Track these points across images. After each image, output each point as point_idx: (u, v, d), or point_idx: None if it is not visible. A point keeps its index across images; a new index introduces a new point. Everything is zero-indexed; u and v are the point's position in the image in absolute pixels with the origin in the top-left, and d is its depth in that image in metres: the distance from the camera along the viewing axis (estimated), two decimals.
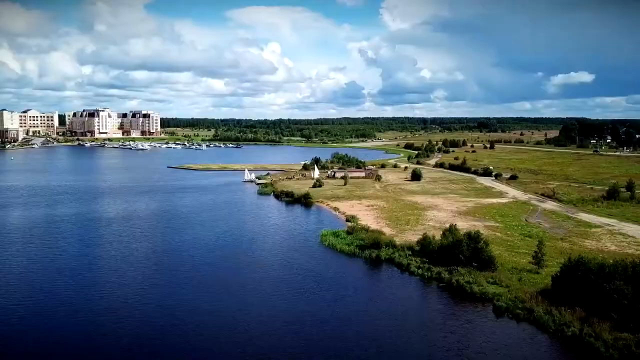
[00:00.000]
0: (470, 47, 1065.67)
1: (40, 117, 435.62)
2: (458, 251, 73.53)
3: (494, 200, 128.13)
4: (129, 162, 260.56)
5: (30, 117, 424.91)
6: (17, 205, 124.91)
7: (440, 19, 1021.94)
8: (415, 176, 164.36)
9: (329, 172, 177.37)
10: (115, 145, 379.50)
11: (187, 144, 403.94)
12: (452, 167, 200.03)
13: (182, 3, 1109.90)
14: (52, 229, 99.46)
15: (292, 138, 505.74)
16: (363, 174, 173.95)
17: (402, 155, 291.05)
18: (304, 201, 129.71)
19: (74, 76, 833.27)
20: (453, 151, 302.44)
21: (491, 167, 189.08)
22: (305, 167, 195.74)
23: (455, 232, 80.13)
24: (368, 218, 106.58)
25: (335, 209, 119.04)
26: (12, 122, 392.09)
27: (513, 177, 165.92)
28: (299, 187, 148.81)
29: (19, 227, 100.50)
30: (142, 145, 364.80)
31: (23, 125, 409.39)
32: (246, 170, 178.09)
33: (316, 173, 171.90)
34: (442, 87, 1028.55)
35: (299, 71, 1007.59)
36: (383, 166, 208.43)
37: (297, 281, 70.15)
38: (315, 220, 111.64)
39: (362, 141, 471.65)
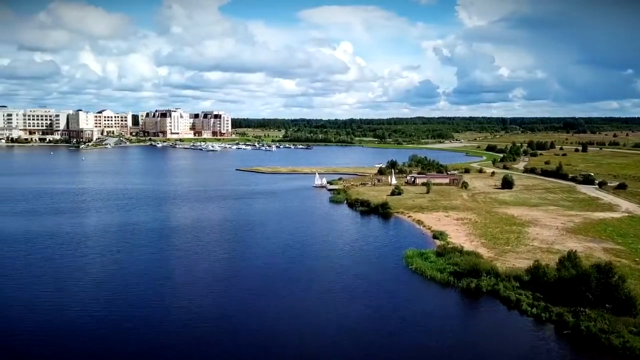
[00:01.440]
0: (551, 44, 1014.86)
1: (115, 117, 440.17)
2: (584, 287, 57.54)
3: (605, 215, 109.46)
4: (198, 164, 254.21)
5: (105, 117, 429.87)
6: (78, 211, 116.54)
7: (519, 15, 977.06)
8: (507, 183, 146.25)
9: (408, 178, 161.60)
10: (186, 146, 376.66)
11: (257, 145, 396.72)
12: (546, 173, 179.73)
13: (255, 4, 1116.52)
14: (111, 238, 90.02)
15: (364, 138, 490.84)
16: (446, 180, 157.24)
17: (484, 158, 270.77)
18: (382, 212, 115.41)
19: (151, 77, 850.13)
20: (540, 154, 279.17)
21: (592, 174, 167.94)
22: (381, 172, 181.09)
23: (577, 261, 63.97)
24: (459, 235, 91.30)
25: (419, 222, 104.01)
26: (87, 122, 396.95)
27: (621, 186, 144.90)
28: (375, 194, 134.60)
29: (74, 235, 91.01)
30: (212, 147, 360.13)
31: (98, 125, 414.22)
32: (317, 174, 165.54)
33: (393, 178, 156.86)
34: (521, 85, 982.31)
35: (371, 70, 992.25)
36: (467, 171, 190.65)
37: (379, 317, 57.38)
38: (396, 235, 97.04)
39: (439, 142, 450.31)
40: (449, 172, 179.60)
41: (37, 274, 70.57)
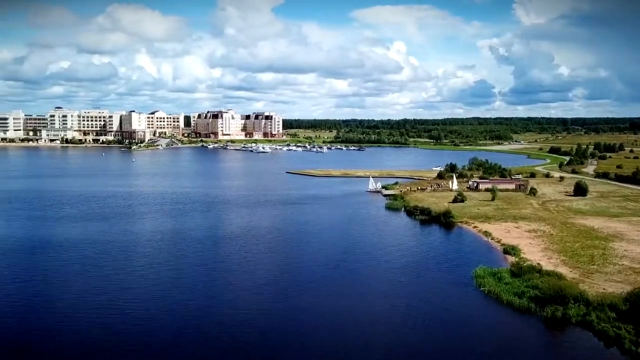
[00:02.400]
0: (614, 42, 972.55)
1: (167, 118, 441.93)
2: None
3: None
4: (248, 166, 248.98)
5: (157, 118, 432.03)
6: (124, 217, 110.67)
7: (580, 12, 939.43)
8: (580, 190, 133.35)
9: (470, 183, 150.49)
10: (237, 148, 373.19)
11: (308, 147, 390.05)
12: (620, 179, 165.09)
13: (307, 5, 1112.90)
14: (155, 248, 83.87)
15: (419, 139, 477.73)
16: (512, 186, 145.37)
17: (548, 161, 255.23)
18: (444, 221, 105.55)
19: (205, 79, 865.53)
20: (610, 157, 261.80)
21: None
22: (440, 176, 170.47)
23: None
24: (533, 250, 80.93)
25: (486, 233, 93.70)
26: (139, 123, 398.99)
27: None
28: (435, 201, 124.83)
29: (118, 244, 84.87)
30: (263, 148, 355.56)
31: (150, 126, 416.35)
32: (371, 178, 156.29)
33: (455, 183, 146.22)
34: (582, 84, 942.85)
35: (425, 70, 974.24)
36: (532, 175, 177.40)
37: (449, 350, 49.06)
38: (461, 249, 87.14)
39: (497, 143, 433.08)
40: (513, 177, 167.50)
41: (81, 285, 64.92)
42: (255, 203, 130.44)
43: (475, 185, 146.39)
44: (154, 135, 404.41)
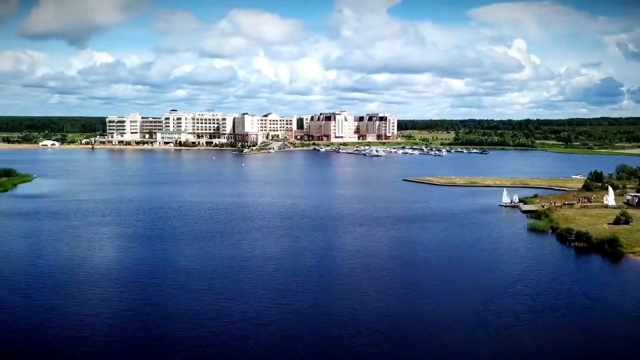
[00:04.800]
0: None
1: (280, 120, 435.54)
2: None
3: None
4: (361, 172, 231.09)
5: (270, 120, 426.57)
6: (218, 236, 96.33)
7: None
8: None
9: (630, 198, 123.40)
10: (350, 151, 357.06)
11: (425, 149, 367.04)
12: None
13: (423, 5, 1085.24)
14: (258, 276, 67.86)
15: (546, 141, 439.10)
16: None
17: None
18: (610, 250, 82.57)
19: (320, 81, 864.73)
20: None
21: None
22: (587, 187, 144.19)
23: None
24: None
25: None
26: (252, 126, 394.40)
27: None
28: (590, 221, 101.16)
29: (204, 271, 70.72)
30: (377, 151, 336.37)
31: (263, 129, 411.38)
32: (504, 190, 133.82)
33: (611, 198, 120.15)
34: None
35: (547, 68, 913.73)
36: None
37: None
38: None
39: (638, 147, 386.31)
40: None
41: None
42: (369, 219, 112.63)
43: (636, 200, 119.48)
44: (267, 138, 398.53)
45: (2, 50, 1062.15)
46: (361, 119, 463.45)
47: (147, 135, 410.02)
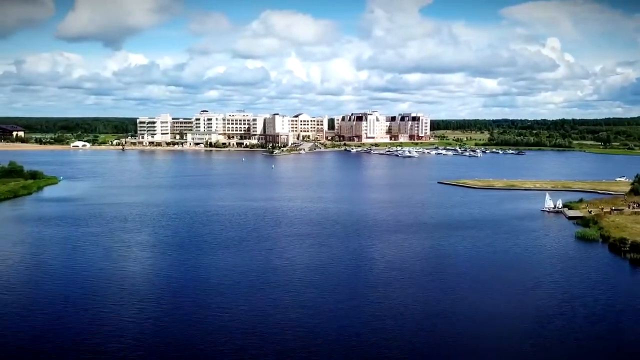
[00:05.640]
0: None
1: (311, 121, 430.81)
2: None
3: None
4: (394, 174, 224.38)
5: (300, 121, 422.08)
6: (243, 244, 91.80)
7: None
8: None
9: None
10: (381, 152, 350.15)
11: (459, 150, 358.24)
12: None
13: (455, 4, 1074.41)
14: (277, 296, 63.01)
15: (584, 142, 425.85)
16: None
17: None
18: None
19: (352, 81, 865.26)
20: None
21: None
22: (635, 190, 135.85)
23: None
24: None
25: None
26: (283, 126, 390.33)
27: None
28: None
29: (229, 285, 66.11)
30: (409, 152, 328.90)
31: (294, 129, 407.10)
32: (547, 194, 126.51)
33: None
34: None
35: (582, 67, 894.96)
36: None
37: None
38: None
39: None
40: None
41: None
42: (405, 226, 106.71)
43: None
44: (297, 138, 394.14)
45: (40, 53, 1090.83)
46: (393, 119, 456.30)
47: (177, 136, 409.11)
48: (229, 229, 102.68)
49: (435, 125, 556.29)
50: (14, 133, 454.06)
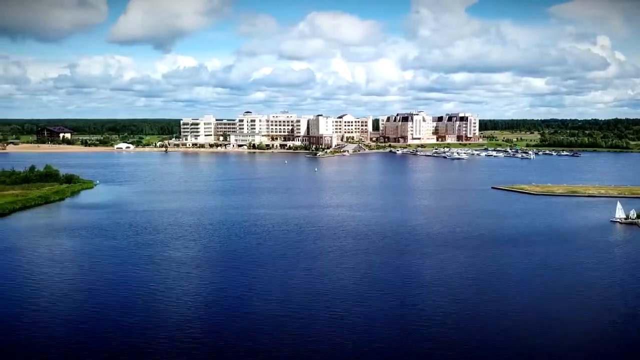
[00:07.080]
0: None
1: (355, 122, 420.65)
2: None
3: None
4: (443, 178, 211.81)
5: (345, 122, 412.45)
6: (277, 261, 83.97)
7: None
8: None
9: None
10: (428, 153, 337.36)
11: (510, 152, 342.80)
12: None
13: (502, 3, 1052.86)
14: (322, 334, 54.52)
15: None
16: None
17: None
18: None
19: (397, 81, 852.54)
20: None
21: None
22: None
23: None
24: None
25: None
26: (327, 127, 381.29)
27: None
28: None
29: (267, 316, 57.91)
30: (458, 154, 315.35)
31: (338, 130, 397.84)
32: (618, 203, 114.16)
33: None
34: None
35: (633, 65, 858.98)
36: None
37: None
38: None
39: None
40: None
41: None
42: (461, 239, 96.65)
43: None
44: (341, 139, 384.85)
45: (93, 56, 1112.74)
46: (440, 119, 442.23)
47: (221, 138, 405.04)
48: (267, 243, 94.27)
49: (483, 125, 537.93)
50: (61, 135, 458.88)
